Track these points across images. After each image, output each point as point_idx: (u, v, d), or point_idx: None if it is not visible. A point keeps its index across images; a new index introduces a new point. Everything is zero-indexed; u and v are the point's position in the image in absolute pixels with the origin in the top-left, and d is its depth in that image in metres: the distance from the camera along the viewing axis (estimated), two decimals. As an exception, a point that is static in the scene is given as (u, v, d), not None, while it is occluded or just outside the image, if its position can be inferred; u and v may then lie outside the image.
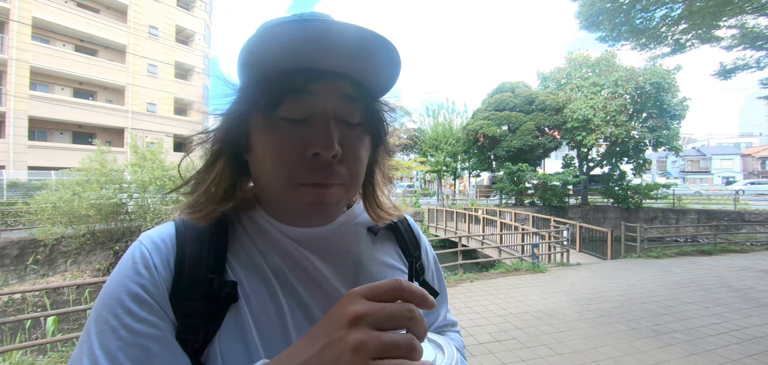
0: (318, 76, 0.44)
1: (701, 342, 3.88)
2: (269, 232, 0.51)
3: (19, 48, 18.37)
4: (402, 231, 0.64)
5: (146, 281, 0.41)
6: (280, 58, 0.42)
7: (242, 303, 0.44)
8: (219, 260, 0.46)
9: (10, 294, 6.79)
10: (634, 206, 17.97)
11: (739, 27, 7.37)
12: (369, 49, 0.43)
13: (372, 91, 0.49)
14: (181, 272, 0.43)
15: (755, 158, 47.04)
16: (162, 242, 0.45)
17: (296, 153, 0.44)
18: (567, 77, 19.81)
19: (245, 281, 0.46)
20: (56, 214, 9.35)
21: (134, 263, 0.43)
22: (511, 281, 6.51)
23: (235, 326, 0.43)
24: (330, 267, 0.52)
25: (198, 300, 0.42)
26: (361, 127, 0.48)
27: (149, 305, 0.40)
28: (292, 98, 0.44)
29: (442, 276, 0.73)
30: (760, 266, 7.67)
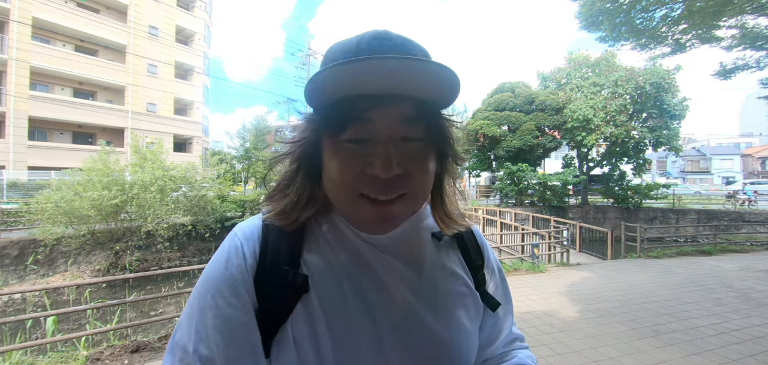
0: (378, 102, 0.47)
1: (701, 342, 3.88)
2: (343, 233, 0.56)
3: (19, 48, 18.37)
4: (466, 240, 0.65)
5: (237, 269, 0.50)
6: (343, 90, 0.46)
7: (312, 294, 0.50)
8: (295, 255, 0.52)
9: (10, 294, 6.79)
10: (634, 206, 17.97)
11: (739, 27, 7.36)
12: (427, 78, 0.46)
13: (436, 107, 0.52)
14: (264, 262, 0.51)
15: (755, 158, 47.03)
16: (251, 234, 0.53)
17: (356, 171, 0.49)
18: (567, 77, 19.81)
19: (316, 275, 0.52)
20: (57, 214, 9.36)
21: (229, 253, 0.51)
22: (511, 281, 6.50)
23: (305, 314, 0.49)
24: (395, 268, 0.55)
25: (276, 287, 0.50)
26: (424, 142, 0.51)
27: (238, 290, 0.49)
28: (355, 124, 0.48)
29: (508, 289, 0.72)
30: (760, 266, 7.67)
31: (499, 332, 0.68)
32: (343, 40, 0.52)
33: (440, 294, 0.57)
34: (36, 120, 19.30)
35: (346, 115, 0.47)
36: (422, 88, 0.47)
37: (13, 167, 18.08)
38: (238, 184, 20.00)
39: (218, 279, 0.50)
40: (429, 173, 0.52)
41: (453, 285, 0.60)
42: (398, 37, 0.50)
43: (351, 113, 0.47)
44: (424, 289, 0.56)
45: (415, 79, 0.46)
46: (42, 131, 20.47)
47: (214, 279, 0.50)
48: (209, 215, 12.11)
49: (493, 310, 0.64)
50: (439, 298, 0.57)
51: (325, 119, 0.50)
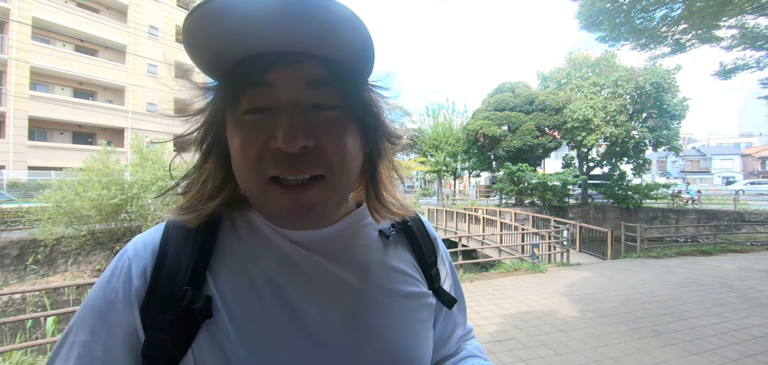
0: (277, 61, 0.39)
1: (701, 342, 3.88)
2: (264, 233, 0.47)
3: (19, 48, 18.38)
4: (417, 235, 0.59)
5: (116, 296, 0.41)
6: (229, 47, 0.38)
7: (223, 317, 0.41)
8: (198, 268, 0.43)
9: (10, 294, 6.79)
10: (634, 206, 17.98)
11: (739, 27, 7.37)
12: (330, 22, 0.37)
13: (349, 70, 0.42)
14: (157, 282, 0.42)
15: (755, 158, 47.02)
16: (143, 249, 0.44)
17: (258, 146, 0.40)
18: (567, 77, 19.81)
19: (228, 291, 0.43)
20: (58, 214, 9.37)
21: (112, 278, 0.43)
22: (511, 281, 6.50)
23: (211, 340, 0.40)
24: (333, 270, 0.48)
25: (168, 314, 0.40)
26: (339, 110, 0.42)
27: (112, 323, 0.40)
28: (252, 89, 0.40)
29: (459, 281, 0.66)
30: (760, 266, 7.67)
31: (454, 329, 0.63)
32: None
33: (388, 295, 0.50)
34: (36, 120, 19.30)
35: (241, 79, 0.40)
36: (325, 41, 0.38)
37: (13, 167, 18.08)
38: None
39: (92, 309, 0.41)
40: (348, 148, 0.43)
41: (403, 287, 0.52)
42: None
43: (247, 77, 0.40)
44: (369, 292, 0.48)
45: (309, 27, 0.37)
46: (42, 131, 20.48)
47: (87, 311, 0.41)
48: (209, 215, 12.07)
49: (450, 308, 0.60)
50: (386, 300, 0.49)
51: (220, 89, 0.42)
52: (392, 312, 0.49)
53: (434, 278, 0.58)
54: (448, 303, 0.59)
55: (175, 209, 0.46)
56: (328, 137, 0.41)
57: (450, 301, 0.59)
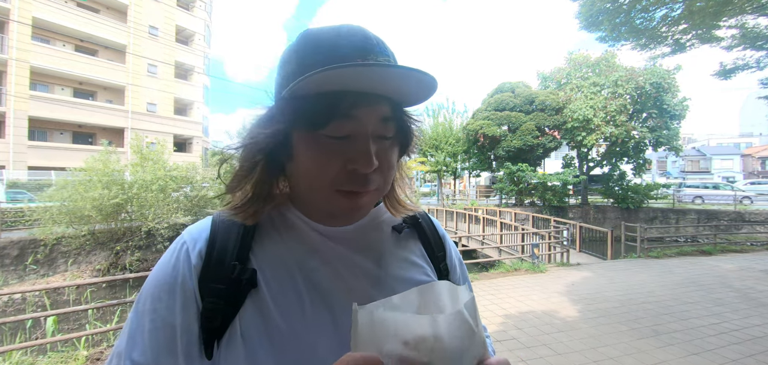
0: (361, 101, 0.48)
1: (701, 342, 3.88)
2: (297, 226, 0.56)
3: (19, 48, 18.38)
4: (426, 232, 0.67)
5: (178, 272, 0.50)
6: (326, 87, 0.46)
7: (263, 289, 0.50)
8: (243, 250, 0.52)
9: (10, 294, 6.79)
10: (634, 206, 17.98)
11: (739, 27, 7.37)
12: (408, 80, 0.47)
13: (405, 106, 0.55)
14: (210, 260, 0.50)
15: (755, 158, 47.01)
16: (198, 234, 0.53)
17: (337, 166, 0.49)
18: (567, 77, 19.80)
19: (268, 269, 0.52)
20: (60, 214, 9.37)
21: (172, 257, 0.51)
22: (511, 281, 6.50)
23: (255, 309, 0.49)
24: (353, 260, 0.56)
25: (222, 284, 0.49)
26: (392, 139, 0.54)
27: (177, 293, 0.49)
28: (337, 120, 0.48)
29: (469, 279, 0.73)
30: (760, 266, 7.67)
31: None
32: (316, 32, 0.51)
33: (400, 282, 0.57)
34: (36, 120, 19.31)
35: (330, 110, 0.47)
36: (402, 90, 0.50)
37: (13, 167, 18.09)
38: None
39: (159, 284, 0.49)
40: (393, 168, 0.55)
41: (414, 275, 0.60)
42: (375, 38, 0.52)
43: (335, 109, 0.47)
44: (385, 279, 0.56)
45: (399, 84, 0.48)
46: (42, 131, 20.48)
47: (155, 284, 0.50)
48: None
49: None
50: (399, 287, 0.56)
51: (304, 113, 0.48)
52: None
53: (443, 271, 0.65)
54: None
55: (228, 208, 0.55)
56: (384, 161, 0.52)
57: None
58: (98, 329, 4.39)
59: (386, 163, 0.53)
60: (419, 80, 0.47)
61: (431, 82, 0.48)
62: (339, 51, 0.48)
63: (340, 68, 0.43)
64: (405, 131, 0.56)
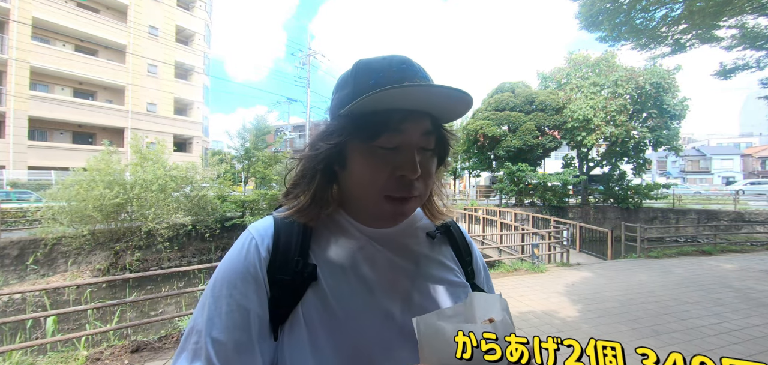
0: (408, 117, 0.57)
1: (701, 342, 3.88)
2: (346, 228, 0.63)
3: (19, 48, 18.38)
4: (456, 238, 0.74)
5: (251, 263, 0.56)
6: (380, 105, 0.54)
7: (321, 281, 0.57)
8: (304, 248, 0.59)
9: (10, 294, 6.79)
10: (634, 206, 17.96)
11: (739, 27, 7.36)
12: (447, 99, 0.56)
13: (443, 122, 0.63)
14: (276, 254, 0.57)
15: (755, 158, 47.00)
16: (264, 231, 0.60)
17: (387, 173, 0.57)
18: (567, 77, 19.79)
19: (324, 265, 0.59)
20: (62, 213, 9.38)
21: (243, 249, 0.58)
22: (511, 281, 6.50)
23: (315, 298, 0.56)
24: (395, 259, 0.63)
25: (287, 276, 0.56)
26: (433, 152, 0.62)
27: (250, 280, 0.55)
28: (388, 133, 0.56)
29: (491, 282, 0.81)
30: (760, 266, 7.67)
31: None
32: (370, 61, 0.60)
33: (435, 282, 0.64)
34: (36, 120, 19.30)
35: (383, 125, 0.55)
36: (442, 108, 0.58)
37: (13, 167, 18.08)
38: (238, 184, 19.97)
39: (233, 272, 0.56)
40: (433, 177, 0.63)
41: (446, 276, 0.67)
42: (418, 65, 0.61)
43: (387, 124, 0.55)
44: (421, 278, 0.63)
45: (440, 103, 0.57)
46: (42, 131, 20.48)
47: (229, 272, 0.56)
48: (209, 215, 12.09)
49: None
50: (434, 286, 0.64)
51: (361, 127, 0.56)
52: (437, 293, 0.64)
53: (470, 274, 0.72)
54: None
55: (290, 212, 0.62)
56: (425, 170, 0.59)
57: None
58: (98, 329, 4.39)
59: (427, 171, 0.60)
60: (457, 98, 0.55)
61: (467, 98, 0.55)
62: (390, 76, 0.57)
63: (393, 89, 0.52)
64: (443, 144, 0.65)
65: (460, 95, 0.54)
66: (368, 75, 0.58)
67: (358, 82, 0.58)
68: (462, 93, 0.54)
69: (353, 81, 0.59)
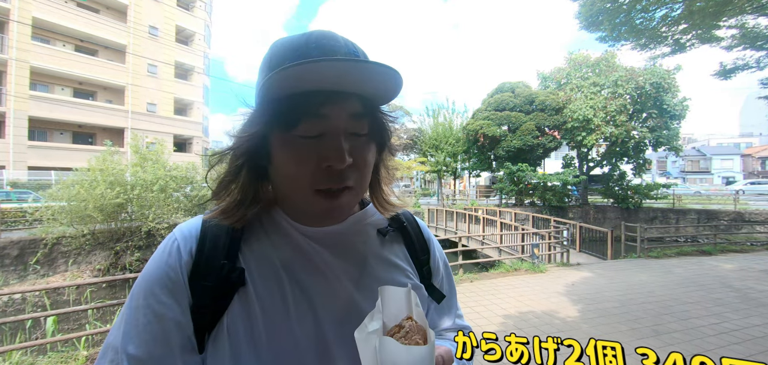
0: (330, 99, 0.50)
1: (701, 342, 3.88)
2: (283, 228, 0.57)
3: (19, 48, 18.37)
4: (411, 235, 0.68)
5: (171, 268, 0.51)
6: (297, 87, 0.48)
7: (250, 288, 0.51)
8: (233, 250, 0.53)
9: (10, 294, 6.79)
10: (634, 206, 17.96)
11: (739, 27, 7.36)
12: (373, 76, 0.49)
13: (375, 103, 0.56)
14: (201, 258, 0.52)
15: (755, 158, 47.00)
16: (188, 233, 0.54)
17: (313, 165, 0.51)
18: (567, 77, 19.79)
19: (255, 269, 0.53)
20: (62, 213, 9.38)
21: (163, 254, 0.53)
22: (511, 281, 6.51)
23: (241, 307, 0.50)
24: (337, 262, 0.57)
25: (212, 282, 0.50)
26: (367, 136, 0.55)
27: (170, 288, 0.50)
28: (308, 119, 0.50)
29: (453, 281, 0.75)
30: (760, 267, 7.67)
31: (442, 323, 0.71)
32: (288, 39, 0.53)
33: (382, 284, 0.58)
34: (36, 120, 19.30)
35: (300, 110, 0.49)
36: (369, 87, 0.51)
37: (13, 167, 18.08)
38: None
39: (151, 280, 0.51)
40: (369, 165, 0.56)
41: (396, 277, 0.61)
42: (343, 39, 0.53)
43: (305, 108, 0.49)
44: (366, 281, 0.58)
45: (365, 79, 0.49)
46: (42, 131, 20.47)
47: (148, 279, 0.51)
48: (209, 215, 12.06)
49: (439, 302, 0.67)
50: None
51: (277, 115, 0.50)
52: None
53: (426, 274, 0.67)
54: (437, 298, 0.67)
55: (216, 213, 0.56)
56: (358, 157, 0.53)
57: (439, 296, 0.67)
58: (98, 329, 4.39)
59: (361, 160, 0.54)
60: (383, 74, 0.48)
61: (395, 75, 0.49)
62: (308, 53, 0.50)
63: (301, 65, 0.44)
64: (380, 128, 0.58)
65: (385, 70, 0.48)
66: (283, 54, 0.51)
67: (273, 64, 0.51)
68: (386, 67, 0.47)
69: (268, 64, 0.52)
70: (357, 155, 0.53)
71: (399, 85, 0.51)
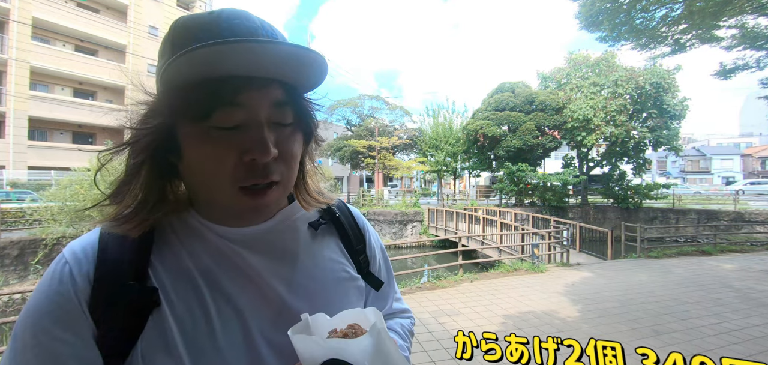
0: (248, 85, 0.44)
1: (701, 342, 3.88)
2: (200, 232, 0.51)
3: (19, 48, 18.37)
4: (345, 225, 0.64)
5: (63, 298, 0.43)
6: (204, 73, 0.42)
7: (164, 308, 0.45)
8: (141, 265, 0.46)
9: (10, 293, 6.79)
10: (634, 206, 17.96)
11: (739, 27, 7.37)
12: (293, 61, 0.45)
13: (299, 91, 0.51)
14: (101, 282, 0.44)
15: (755, 158, 47.00)
16: (83, 254, 0.46)
17: (233, 160, 0.45)
18: (567, 77, 19.79)
19: (169, 284, 0.47)
20: (61, 213, 9.39)
21: (53, 280, 0.44)
22: (511, 281, 6.50)
23: (156, 331, 0.44)
24: (265, 263, 0.52)
25: (118, 308, 0.43)
26: (292, 126, 0.50)
27: (64, 321, 0.42)
28: (222, 108, 0.44)
29: (390, 266, 0.74)
30: (760, 267, 7.67)
31: (383, 307, 0.70)
32: (194, 16, 0.47)
33: (317, 282, 0.55)
34: (36, 120, 19.30)
35: (213, 98, 0.43)
36: (290, 72, 0.46)
37: (13, 167, 18.08)
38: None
39: (40, 312, 0.42)
40: (296, 157, 0.52)
41: (331, 272, 0.58)
42: (259, 19, 0.48)
43: (217, 96, 0.43)
44: (298, 281, 0.54)
45: (285, 64, 0.44)
46: (42, 131, 20.47)
47: (36, 312, 0.43)
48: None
49: (377, 290, 0.65)
50: (315, 287, 0.55)
51: (185, 103, 0.44)
52: (322, 297, 0.55)
53: (362, 263, 0.64)
54: (375, 286, 0.65)
55: (110, 218, 0.47)
56: (284, 149, 0.49)
57: (377, 284, 0.65)
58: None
59: (288, 152, 0.49)
60: (306, 58, 0.44)
61: (319, 60, 0.45)
62: (217, 34, 0.43)
63: (211, 46, 0.39)
64: (306, 118, 0.53)
65: (307, 54, 0.43)
66: (188, 35, 0.44)
67: (176, 45, 0.44)
68: (309, 51, 0.43)
69: (170, 45, 0.46)
70: (282, 147, 0.48)
71: (324, 71, 0.47)
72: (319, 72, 0.47)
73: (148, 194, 0.49)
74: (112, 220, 0.47)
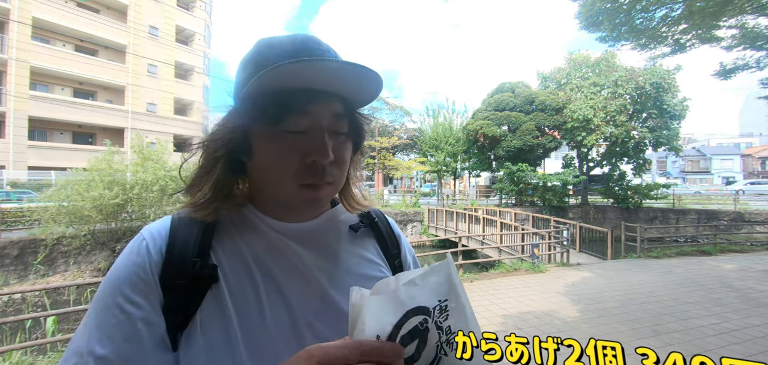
0: (316, 97, 0.52)
1: (701, 342, 3.88)
2: (255, 225, 0.58)
3: (19, 48, 18.38)
4: (382, 231, 0.70)
5: (140, 268, 0.50)
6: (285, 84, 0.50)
7: (222, 284, 0.51)
8: (204, 247, 0.53)
9: (10, 293, 6.80)
10: (634, 206, 17.96)
11: (739, 27, 7.36)
12: (356, 78, 0.52)
13: (356, 106, 0.59)
14: (171, 256, 0.51)
15: (755, 158, 47.01)
16: (157, 233, 0.53)
17: (297, 160, 0.53)
18: (567, 77, 19.78)
19: (227, 265, 0.53)
20: (60, 214, 9.38)
21: (131, 253, 0.51)
22: (511, 281, 6.51)
23: (214, 304, 0.50)
24: (311, 256, 0.58)
25: (184, 280, 0.50)
26: (346, 135, 0.58)
27: (140, 288, 0.49)
28: (295, 115, 0.52)
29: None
30: (760, 267, 7.67)
31: None
32: (274, 38, 0.56)
33: (355, 278, 0.60)
34: (36, 120, 19.31)
35: (287, 106, 0.51)
36: (351, 89, 0.54)
37: (13, 167, 18.09)
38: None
39: (119, 280, 0.49)
40: (347, 163, 0.59)
41: (369, 271, 0.63)
42: (326, 44, 0.57)
43: (292, 105, 0.51)
44: (339, 275, 0.59)
45: (349, 81, 0.53)
46: (42, 131, 20.48)
47: (115, 280, 0.49)
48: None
49: None
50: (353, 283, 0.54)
51: (263, 110, 0.52)
52: None
53: (397, 268, 0.69)
54: None
55: (187, 206, 0.56)
56: (338, 155, 0.56)
57: None
58: (98, 329, 4.39)
59: (341, 157, 0.57)
60: (365, 76, 0.51)
61: (376, 78, 0.52)
62: (294, 54, 0.52)
63: (292, 64, 0.47)
64: (357, 129, 0.61)
65: (368, 73, 0.50)
66: (270, 52, 0.53)
67: (260, 61, 0.53)
68: (370, 71, 0.50)
69: (255, 60, 0.54)
70: (337, 153, 0.55)
71: (379, 88, 0.54)
72: (375, 87, 0.54)
73: (221, 186, 0.56)
74: (190, 206, 0.56)
